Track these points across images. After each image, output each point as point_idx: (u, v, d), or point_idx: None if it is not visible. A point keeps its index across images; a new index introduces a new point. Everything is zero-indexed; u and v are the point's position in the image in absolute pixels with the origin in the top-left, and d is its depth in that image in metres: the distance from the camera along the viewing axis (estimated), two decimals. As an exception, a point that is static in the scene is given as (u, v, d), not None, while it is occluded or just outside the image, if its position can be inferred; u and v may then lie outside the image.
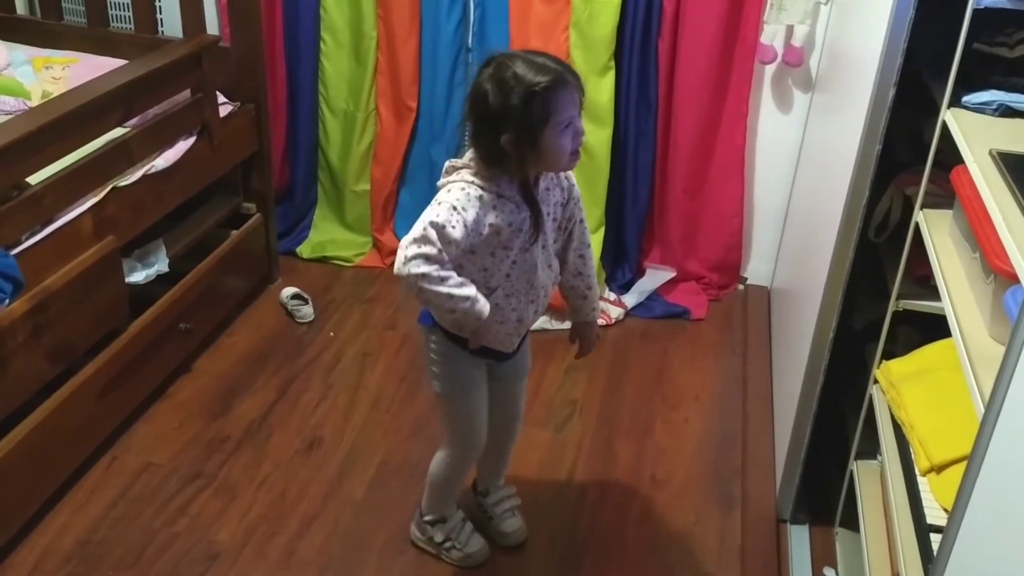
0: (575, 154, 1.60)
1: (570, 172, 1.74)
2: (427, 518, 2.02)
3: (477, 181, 1.60)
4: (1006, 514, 0.96)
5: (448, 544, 2.00)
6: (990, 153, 1.38)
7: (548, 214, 1.70)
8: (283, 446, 2.35)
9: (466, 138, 1.63)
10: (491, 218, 1.61)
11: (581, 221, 1.81)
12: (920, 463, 1.54)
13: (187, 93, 2.51)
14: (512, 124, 1.54)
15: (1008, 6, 1.47)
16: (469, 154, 1.64)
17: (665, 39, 2.77)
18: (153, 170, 2.35)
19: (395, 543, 2.08)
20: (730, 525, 2.17)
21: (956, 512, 1.05)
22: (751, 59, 2.76)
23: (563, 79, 1.54)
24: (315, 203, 3.25)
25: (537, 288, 1.73)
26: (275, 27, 2.98)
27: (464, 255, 1.63)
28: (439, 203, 1.59)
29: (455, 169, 1.64)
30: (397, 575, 2.01)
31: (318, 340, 2.77)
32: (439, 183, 1.66)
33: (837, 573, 1.96)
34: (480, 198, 1.59)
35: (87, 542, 2.04)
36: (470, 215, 1.58)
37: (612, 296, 3.00)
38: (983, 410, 1.03)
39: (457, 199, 1.58)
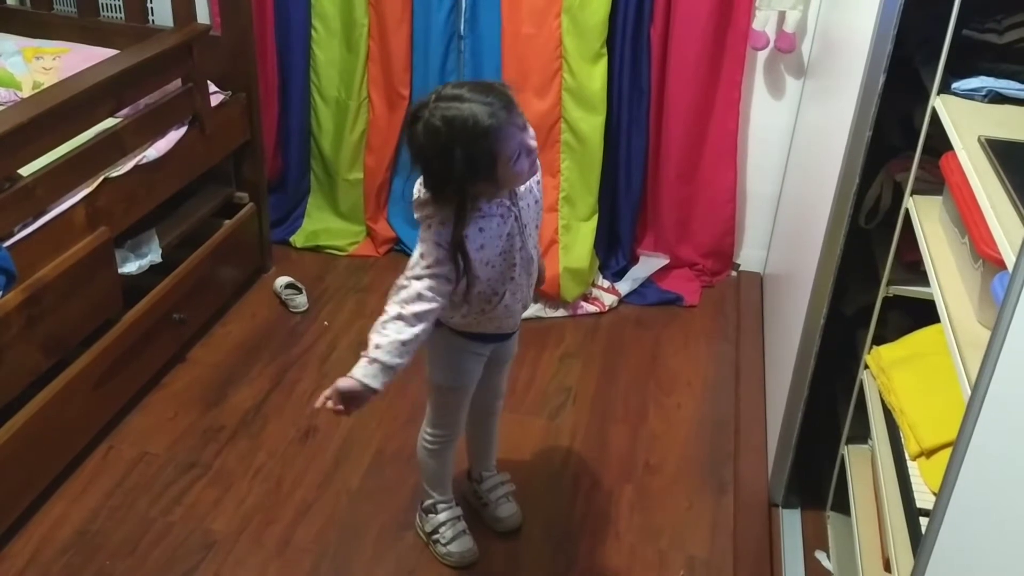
0: (533, 164, 1.58)
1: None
2: (424, 504, 2.04)
3: (449, 234, 1.57)
4: (991, 498, 0.97)
5: (436, 536, 2.01)
6: (979, 140, 1.39)
7: (535, 201, 1.71)
8: (278, 435, 2.36)
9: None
10: (481, 240, 1.61)
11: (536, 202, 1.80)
12: (910, 447, 1.55)
13: (178, 83, 2.51)
14: (460, 177, 1.50)
15: (997, -8, 1.47)
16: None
17: (657, 25, 2.77)
18: (145, 160, 2.35)
19: (391, 531, 2.09)
20: (723, 509, 2.19)
21: (942, 496, 1.06)
22: (743, 45, 2.76)
23: (498, 119, 1.47)
24: (308, 192, 3.25)
25: (534, 274, 1.78)
26: (265, 15, 2.97)
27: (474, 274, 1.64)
28: (423, 243, 1.58)
29: (421, 205, 1.61)
30: (393, 563, 2.02)
31: (312, 329, 2.78)
32: (416, 216, 1.63)
33: (828, 556, 1.98)
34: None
35: (84, 532, 2.05)
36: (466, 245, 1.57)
37: (606, 283, 3.01)
38: (970, 394, 1.04)
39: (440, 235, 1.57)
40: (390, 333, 1.58)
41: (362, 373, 1.58)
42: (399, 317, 1.58)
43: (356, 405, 1.61)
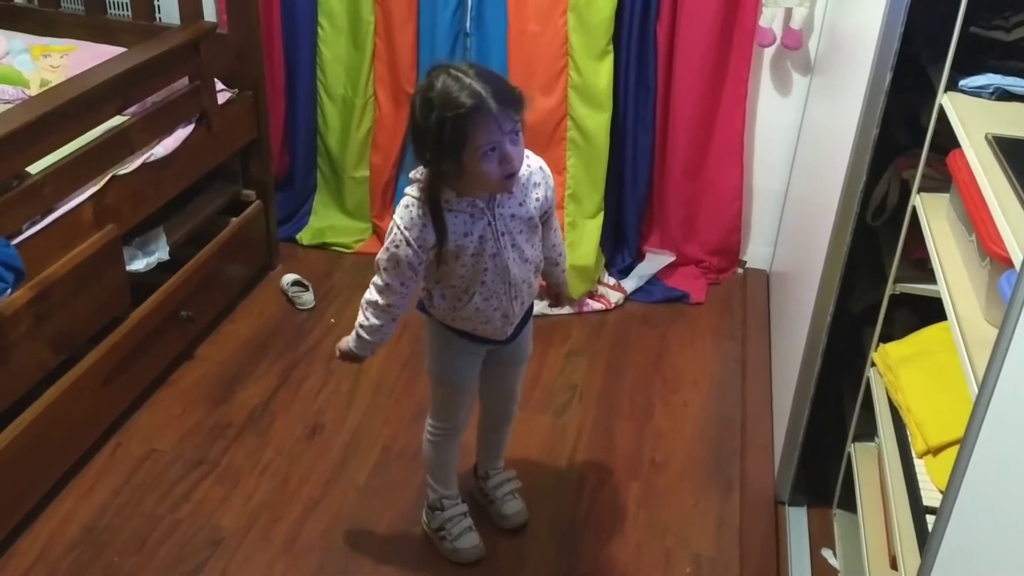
0: (509, 177, 1.58)
1: (543, 163, 1.73)
2: (430, 500, 2.04)
3: (423, 196, 1.61)
4: (998, 496, 0.97)
5: (442, 533, 2.01)
6: (986, 137, 1.38)
7: (527, 216, 1.70)
8: (285, 432, 2.37)
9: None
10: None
11: (551, 212, 1.81)
12: (916, 445, 1.55)
13: (185, 81, 2.51)
14: (428, 144, 1.54)
15: (1005, -11, 1.47)
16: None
17: (664, 22, 2.76)
18: (152, 158, 2.36)
19: (398, 527, 2.10)
20: (729, 507, 2.19)
21: (949, 494, 1.06)
22: (750, 42, 2.75)
23: (482, 106, 1.48)
24: (314, 189, 3.25)
25: (517, 285, 1.75)
26: (272, 13, 2.98)
27: (439, 266, 1.67)
28: (391, 225, 1.67)
29: (411, 182, 1.66)
30: (400, 559, 2.03)
31: (319, 326, 2.78)
32: (405, 191, 1.68)
33: (835, 554, 1.98)
34: (423, 215, 1.61)
35: (92, 528, 2.06)
36: (413, 233, 1.63)
37: (611, 281, 3.01)
38: (977, 392, 1.03)
39: (401, 218, 1.65)
40: (370, 317, 1.76)
41: (354, 344, 1.81)
42: (375, 305, 1.75)
43: (354, 361, 1.86)
